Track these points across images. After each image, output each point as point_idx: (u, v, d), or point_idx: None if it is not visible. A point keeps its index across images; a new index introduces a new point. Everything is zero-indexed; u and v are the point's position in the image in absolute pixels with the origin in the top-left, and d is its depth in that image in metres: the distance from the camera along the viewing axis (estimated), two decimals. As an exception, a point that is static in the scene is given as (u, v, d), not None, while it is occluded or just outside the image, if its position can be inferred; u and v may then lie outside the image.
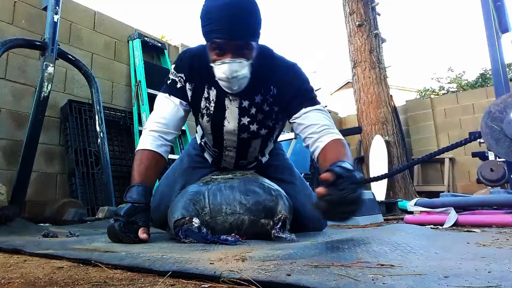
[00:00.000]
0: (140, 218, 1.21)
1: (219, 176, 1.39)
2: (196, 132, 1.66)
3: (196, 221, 1.19)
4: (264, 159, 1.58)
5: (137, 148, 1.34)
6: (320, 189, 0.88)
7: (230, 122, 1.36)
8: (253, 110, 1.35)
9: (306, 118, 1.27)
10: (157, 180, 1.70)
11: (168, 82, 1.38)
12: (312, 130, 1.24)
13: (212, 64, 1.23)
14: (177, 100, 1.36)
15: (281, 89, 1.32)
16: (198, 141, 1.62)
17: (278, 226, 1.22)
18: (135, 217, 1.20)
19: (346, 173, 0.89)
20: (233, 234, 1.16)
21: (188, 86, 1.36)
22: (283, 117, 1.41)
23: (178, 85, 1.36)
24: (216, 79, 1.25)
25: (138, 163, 1.30)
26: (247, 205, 1.24)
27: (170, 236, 1.36)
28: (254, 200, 1.25)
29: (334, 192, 0.86)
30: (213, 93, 1.34)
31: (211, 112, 1.36)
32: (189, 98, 1.37)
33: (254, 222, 1.24)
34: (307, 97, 1.30)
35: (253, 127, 1.37)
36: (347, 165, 0.94)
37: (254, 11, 1.19)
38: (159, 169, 1.34)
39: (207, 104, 1.36)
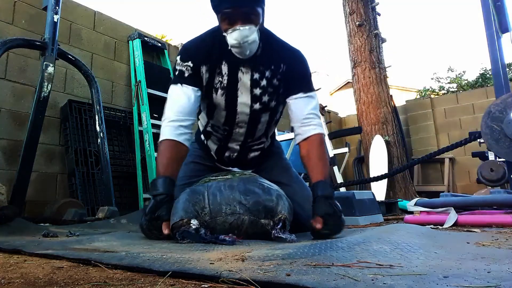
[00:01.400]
0: (163, 211, 1.27)
1: (219, 177, 1.39)
2: (199, 120, 1.69)
3: (194, 223, 1.18)
4: (266, 144, 1.65)
5: (159, 140, 1.41)
6: (316, 226, 1.25)
7: (243, 93, 1.45)
8: (263, 82, 1.45)
9: (297, 103, 1.45)
10: None
11: (176, 73, 1.44)
12: (297, 117, 1.45)
13: (224, 33, 1.34)
14: (187, 88, 1.41)
15: (289, 68, 1.45)
16: (202, 129, 1.67)
17: (278, 226, 1.22)
18: (159, 211, 1.27)
19: (330, 213, 1.26)
20: (231, 235, 1.16)
21: (202, 69, 1.43)
22: (285, 95, 1.49)
23: (186, 74, 1.42)
24: (229, 47, 1.35)
25: (161, 156, 1.38)
26: (247, 205, 1.24)
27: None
28: (254, 200, 1.25)
29: (325, 228, 1.25)
30: (225, 68, 1.43)
31: (225, 85, 1.44)
32: (204, 80, 1.44)
33: (254, 222, 1.24)
34: (307, 82, 1.47)
35: (265, 98, 1.47)
36: (328, 191, 1.31)
37: None
38: (181, 157, 1.41)
39: (221, 79, 1.44)
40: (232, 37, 1.32)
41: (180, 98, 1.41)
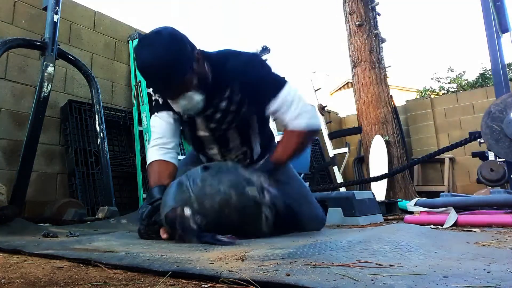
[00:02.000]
0: (159, 216, 1.30)
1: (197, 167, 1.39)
2: None
3: (187, 211, 1.18)
4: (255, 153, 1.58)
5: (147, 164, 1.51)
6: None
7: (200, 128, 1.50)
8: (218, 115, 1.44)
9: (272, 108, 1.38)
10: None
11: (153, 103, 1.54)
12: (279, 119, 1.43)
13: (169, 100, 1.40)
14: (163, 113, 1.49)
15: (247, 81, 1.38)
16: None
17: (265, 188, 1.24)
18: (156, 216, 1.31)
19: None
20: (230, 235, 1.14)
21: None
22: (255, 106, 1.46)
23: (161, 101, 1.49)
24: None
25: (150, 174, 1.47)
26: (227, 181, 1.23)
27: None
28: (232, 175, 1.26)
29: None
30: None
31: (185, 119, 1.51)
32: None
33: (240, 193, 1.21)
34: (271, 86, 1.39)
35: (224, 126, 1.47)
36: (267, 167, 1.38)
37: (173, 59, 1.23)
38: (171, 173, 1.45)
39: (182, 116, 1.50)
40: (174, 107, 1.40)
41: (159, 125, 1.50)
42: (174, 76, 1.25)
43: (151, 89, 1.55)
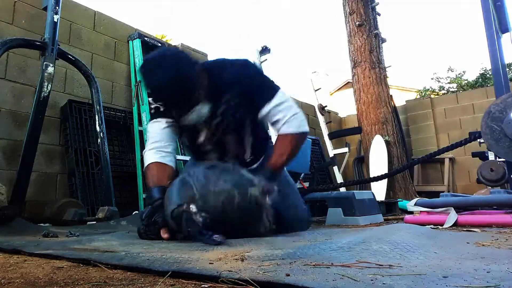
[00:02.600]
0: (160, 217, 1.31)
1: (201, 165, 1.43)
2: None
3: (193, 207, 1.19)
4: (248, 154, 1.61)
5: (145, 167, 1.52)
6: None
7: (200, 135, 1.53)
8: (217, 120, 1.49)
9: (266, 111, 1.47)
10: None
11: (152, 111, 1.56)
12: (270, 121, 1.51)
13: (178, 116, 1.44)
14: (162, 119, 1.53)
15: (243, 87, 1.47)
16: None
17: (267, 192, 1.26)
18: (156, 216, 1.32)
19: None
20: (226, 237, 1.15)
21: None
22: (249, 110, 1.51)
23: (161, 109, 1.52)
24: None
25: (148, 176, 1.49)
26: (231, 181, 1.27)
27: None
28: (236, 175, 1.30)
29: None
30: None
31: (185, 129, 1.55)
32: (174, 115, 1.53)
33: (244, 193, 1.24)
34: (265, 92, 1.48)
35: (222, 130, 1.51)
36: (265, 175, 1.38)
37: (182, 79, 1.31)
38: (169, 175, 1.47)
39: (184, 123, 1.51)
40: (184, 121, 1.44)
41: (156, 130, 1.53)
42: (184, 97, 1.34)
43: (150, 98, 1.58)
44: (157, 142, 1.51)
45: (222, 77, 1.46)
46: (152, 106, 1.55)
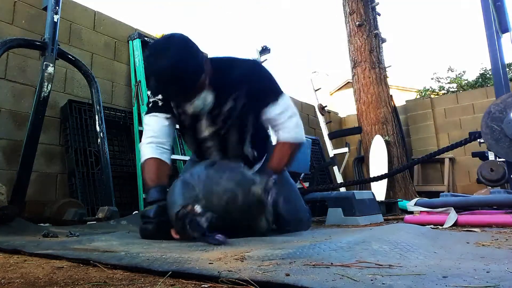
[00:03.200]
0: (167, 216, 1.29)
1: (203, 165, 1.43)
2: None
3: (198, 208, 1.18)
4: (249, 152, 1.61)
5: (141, 160, 1.50)
6: None
7: (203, 130, 1.53)
8: (223, 116, 1.49)
9: (268, 112, 1.49)
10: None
11: (150, 105, 1.54)
12: (270, 124, 1.54)
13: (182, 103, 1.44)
14: (160, 114, 1.52)
15: (251, 85, 1.48)
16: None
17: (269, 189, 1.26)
18: (165, 216, 1.30)
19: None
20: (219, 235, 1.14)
21: (171, 103, 1.53)
22: (253, 109, 1.53)
23: (160, 103, 1.52)
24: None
25: (146, 171, 1.48)
26: (234, 180, 1.27)
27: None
28: (239, 174, 1.31)
29: None
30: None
31: (188, 123, 1.54)
32: (174, 110, 1.53)
33: (246, 191, 1.25)
34: (271, 93, 1.50)
35: (226, 126, 1.51)
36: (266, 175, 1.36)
37: (189, 64, 1.30)
38: (165, 172, 1.48)
39: (184, 117, 1.53)
40: (186, 109, 1.43)
41: (154, 124, 1.52)
42: (191, 79, 1.33)
43: (150, 91, 1.56)
44: (155, 137, 1.50)
45: (232, 73, 1.47)
46: (151, 100, 1.54)
